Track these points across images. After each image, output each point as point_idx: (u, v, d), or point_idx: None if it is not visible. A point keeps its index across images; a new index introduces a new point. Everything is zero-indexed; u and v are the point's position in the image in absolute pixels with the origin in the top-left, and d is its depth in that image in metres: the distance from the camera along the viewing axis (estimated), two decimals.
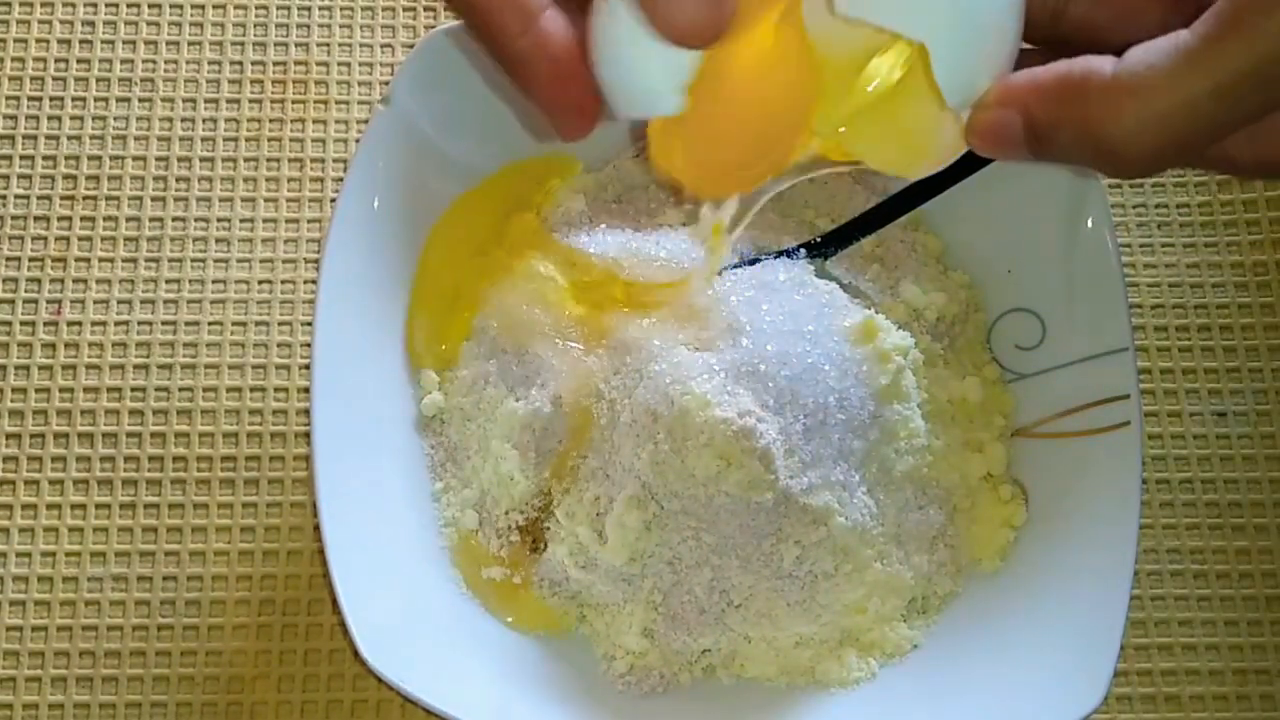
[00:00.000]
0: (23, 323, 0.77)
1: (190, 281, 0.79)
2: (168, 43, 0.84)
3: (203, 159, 0.81)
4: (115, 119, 0.82)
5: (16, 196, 0.80)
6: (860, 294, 0.71)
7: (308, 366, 0.75)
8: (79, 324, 0.77)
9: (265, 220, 0.80)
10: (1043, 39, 0.54)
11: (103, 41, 0.84)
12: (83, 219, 0.80)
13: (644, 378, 0.65)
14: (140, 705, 0.71)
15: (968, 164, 0.58)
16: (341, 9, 0.85)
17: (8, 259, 0.79)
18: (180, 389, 0.76)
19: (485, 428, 0.70)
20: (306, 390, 0.73)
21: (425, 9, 0.85)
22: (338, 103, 0.83)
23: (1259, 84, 0.46)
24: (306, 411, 0.73)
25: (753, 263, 0.70)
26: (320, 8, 0.85)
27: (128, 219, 0.80)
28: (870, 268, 0.73)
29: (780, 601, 0.66)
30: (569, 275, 0.71)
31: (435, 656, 0.65)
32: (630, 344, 0.67)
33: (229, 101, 0.83)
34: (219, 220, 0.80)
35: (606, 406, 0.67)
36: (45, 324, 0.77)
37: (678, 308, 0.67)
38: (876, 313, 0.69)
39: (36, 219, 0.79)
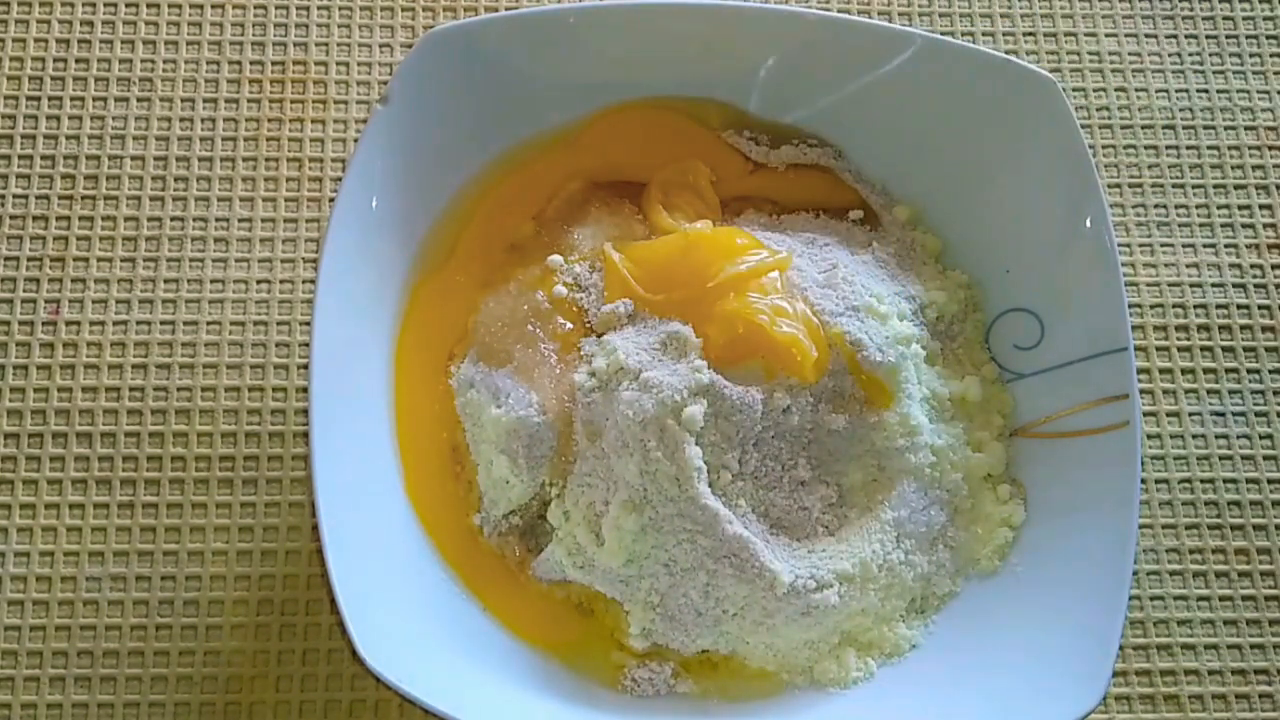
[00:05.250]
0: (21, 322, 0.77)
1: (189, 281, 0.79)
2: (167, 42, 0.84)
3: (202, 159, 0.81)
4: (114, 119, 0.82)
5: (15, 196, 0.80)
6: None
7: (306, 366, 0.74)
8: (77, 324, 0.77)
9: (264, 220, 0.80)
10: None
11: (102, 41, 0.84)
12: (81, 219, 0.80)
13: (625, 389, 0.66)
14: (138, 705, 0.71)
15: None
16: (340, 9, 0.85)
17: (6, 259, 0.79)
18: (179, 389, 0.76)
19: (475, 433, 0.70)
20: (305, 390, 0.73)
21: (424, 9, 0.85)
22: (336, 102, 0.83)
23: None
24: (305, 411, 0.73)
25: None
26: (319, 7, 0.85)
27: (126, 219, 0.80)
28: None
29: (779, 615, 0.66)
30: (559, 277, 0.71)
31: (433, 656, 0.65)
32: (609, 356, 0.67)
33: (228, 101, 0.83)
34: (218, 220, 0.80)
35: (590, 417, 0.67)
36: (44, 324, 0.77)
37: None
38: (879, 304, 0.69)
39: (35, 219, 0.79)
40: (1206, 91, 0.86)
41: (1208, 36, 0.87)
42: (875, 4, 0.87)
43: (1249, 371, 0.79)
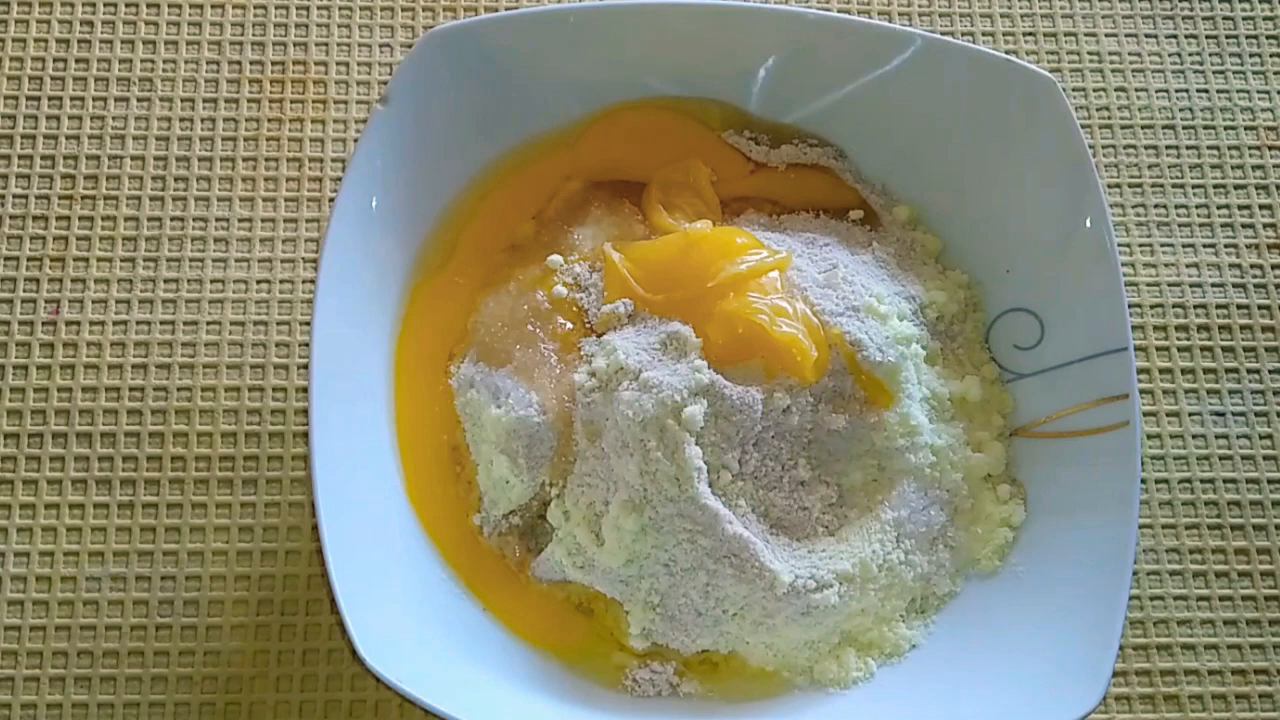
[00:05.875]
0: (21, 322, 0.77)
1: (189, 281, 0.79)
2: (167, 42, 0.84)
3: (202, 159, 0.81)
4: (114, 119, 0.82)
5: (15, 196, 0.80)
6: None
7: (306, 366, 0.75)
8: (77, 324, 0.77)
9: (264, 220, 0.80)
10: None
11: (102, 41, 0.84)
12: (81, 219, 0.80)
13: (625, 389, 0.66)
14: (138, 705, 0.71)
15: None
16: (340, 9, 0.85)
17: (6, 259, 0.79)
18: (178, 389, 0.76)
19: (475, 433, 0.70)
20: (305, 390, 0.73)
21: (424, 9, 0.85)
22: (336, 103, 0.83)
23: None
24: (305, 411, 0.73)
25: None
26: (319, 8, 0.85)
27: (126, 219, 0.80)
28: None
29: (779, 615, 0.66)
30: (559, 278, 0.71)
31: (433, 656, 0.65)
32: (609, 356, 0.67)
33: (228, 101, 0.83)
34: (218, 220, 0.80)
35: (590, 417, 0.67)
36: (43, 324, 0.77)
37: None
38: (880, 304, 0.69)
39: (35, 219, 0.79)
40: (1206, 91, 0.86)
41: (1208, 36, 0.87)
42: (875, 4, 0.87)
43: (1249, 371, 0.79)
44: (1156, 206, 0.83)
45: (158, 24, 0.84)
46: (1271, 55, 0.87)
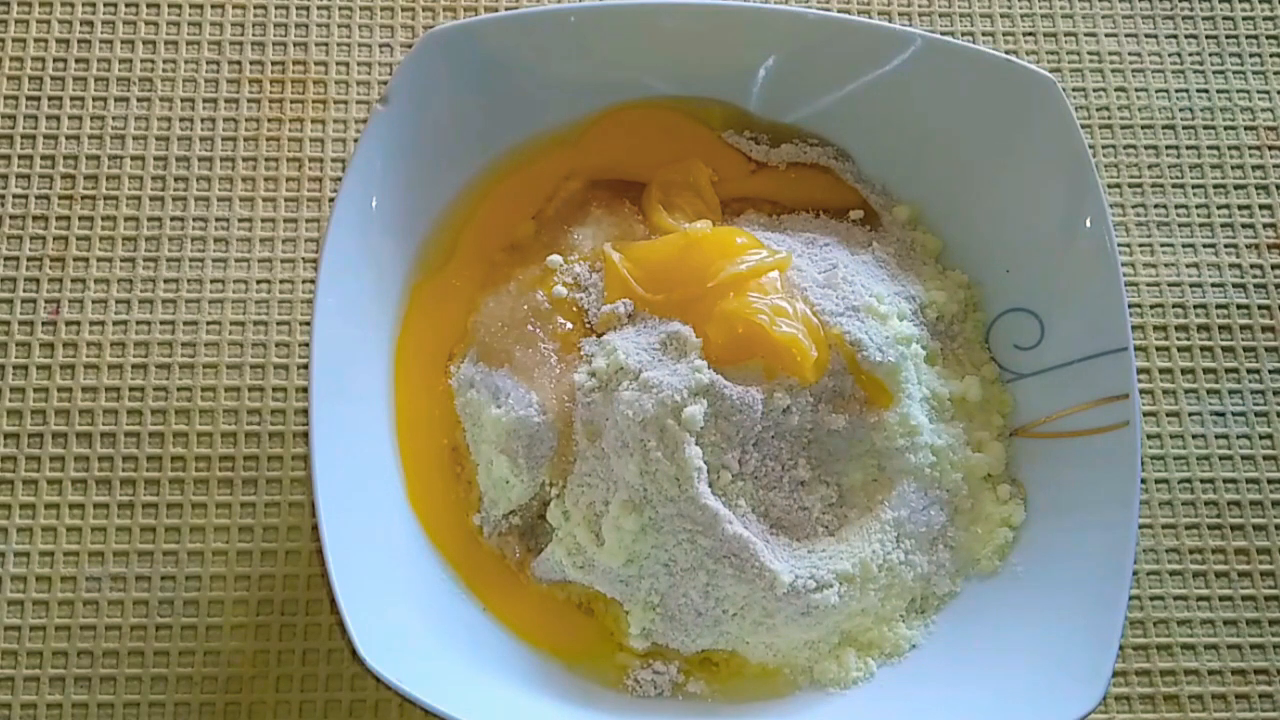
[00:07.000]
0: (21, 322, 0.77)
1: (188, 281, 0.79)
2: (167, 42, 0.84)
3: (201, 159, 0.81)
4: (114, 119, 0.82)
5: (15, 196, 0.80)
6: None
7: (306, 366, 0.75)
8: (77, 324, 0.77)
9: (264, 220, 0.80)
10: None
11: (102, 41, 0.84)
12: (81, 219, 0.80)
13: (625, 389, 0.66)
14: (138, 705, 0.71)
15: None
16: (340, 9, 0.85)
17: (6, 259, 0.79)
18: (178, 389, 0.76)
19: (475, 433, 0.70)
20: (305, 390, 0.73)
21: (424, 9, 0.85)
22: (336, 103, 0.83)
23: None
24: (305, 411, 0.73)
25: None
26: (319, 8, 0.85)
27: (126, 219, 0.80)
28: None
29: (779, 615, 0.66)
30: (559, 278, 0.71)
31: (433, 656, 0.65)
32: (609, 356, 0.67)
33: (228, 101, 0.83)
34: (217, 220, 0.80)
35: (590, 417, 0.67)
36: (43, 324, 0.77)
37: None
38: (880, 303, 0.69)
39: (35, 219, 0.79)
40: (1206, 91, 0.86)
41: (1208, 36, 0.87)
42: (875, 4, 0.87)
43: (1249, 371, 0.79)
44: (1156, 206, 0.83)
45: (158, 24, 0.84)
46: (1271, 55, 0.87)
